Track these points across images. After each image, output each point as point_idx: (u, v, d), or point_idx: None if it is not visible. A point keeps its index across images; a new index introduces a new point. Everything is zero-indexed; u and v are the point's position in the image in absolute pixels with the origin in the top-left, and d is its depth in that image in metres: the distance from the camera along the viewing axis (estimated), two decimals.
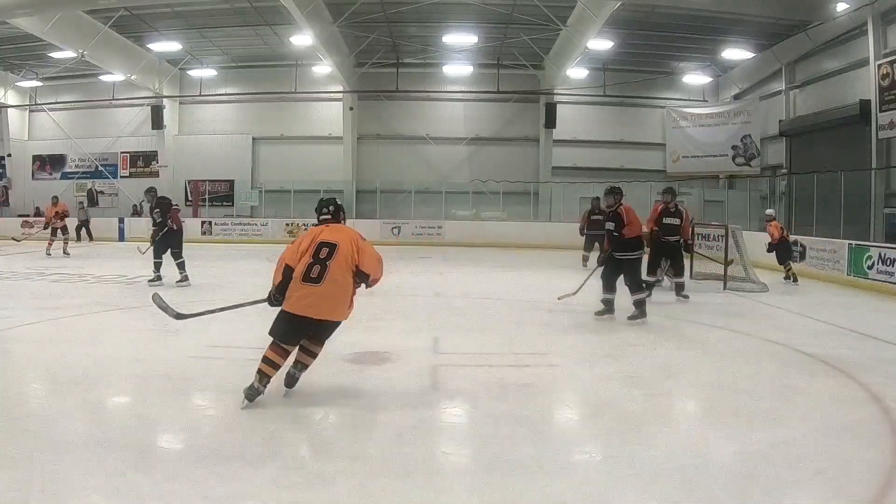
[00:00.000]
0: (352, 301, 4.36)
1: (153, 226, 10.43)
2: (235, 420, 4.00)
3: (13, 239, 17.66)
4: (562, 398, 4.80)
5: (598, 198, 12.85)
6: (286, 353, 4.27)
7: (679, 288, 9.37)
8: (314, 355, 4.51)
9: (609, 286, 7.45)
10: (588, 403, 4.63)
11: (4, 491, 2.92)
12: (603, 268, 7.60)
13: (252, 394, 4.19)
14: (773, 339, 6.64)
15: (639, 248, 7.47)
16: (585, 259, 13.31)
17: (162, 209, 10.14)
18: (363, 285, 4.42)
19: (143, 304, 8.45)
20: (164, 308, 4.79)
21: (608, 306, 7.47)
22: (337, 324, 4.40)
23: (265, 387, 4.21)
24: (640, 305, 7.39)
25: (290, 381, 4.49)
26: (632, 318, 7.34)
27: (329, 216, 4.53)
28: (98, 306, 8.14)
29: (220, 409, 4.34)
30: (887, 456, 3.43)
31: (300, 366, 4.48)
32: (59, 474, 3.14)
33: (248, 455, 3.40)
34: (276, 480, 3.14)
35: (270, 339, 4.25)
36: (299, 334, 4.30)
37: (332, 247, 4.23)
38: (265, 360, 4.21)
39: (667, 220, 9.28)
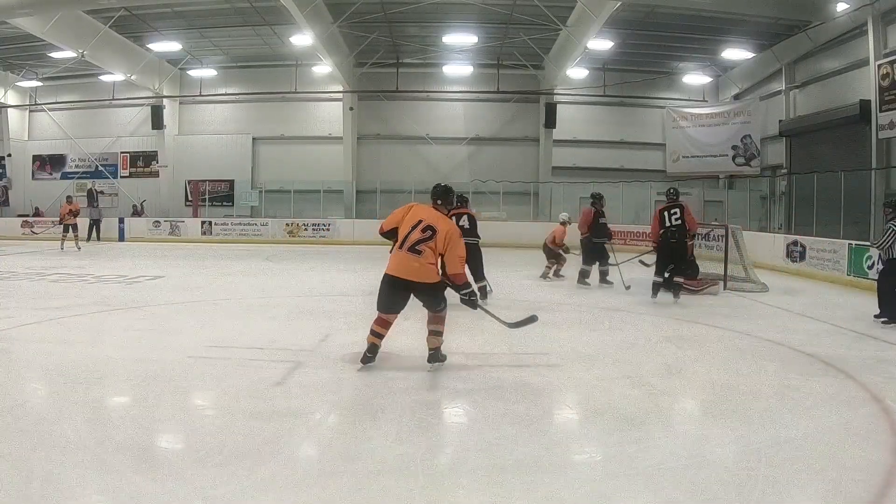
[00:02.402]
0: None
1: None
2: (235, 420, 4.00)
3: (32, 231, 21.47)
4: (562, 398, 4.80)
5: (599, 195, 10.93)
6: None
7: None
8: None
9: None
10: (588, 403, 4.62)
11: (4, 491, 2.92)
12: None
13: None
14: (773, 339, 6.64)
15: None
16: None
17: None
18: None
19: (143, 304, 8.48)
20: None
21: None
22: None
23: None
24: None
25: None
26: None
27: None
28: (98, 306, 8.14)
29: (220, 409, 4.35)
30: (887, 456, 3.43)
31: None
32: (59, 474, 3.14)
33: (248, 455, 3.40)
34: (276, 480, 3.14)
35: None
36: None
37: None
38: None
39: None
